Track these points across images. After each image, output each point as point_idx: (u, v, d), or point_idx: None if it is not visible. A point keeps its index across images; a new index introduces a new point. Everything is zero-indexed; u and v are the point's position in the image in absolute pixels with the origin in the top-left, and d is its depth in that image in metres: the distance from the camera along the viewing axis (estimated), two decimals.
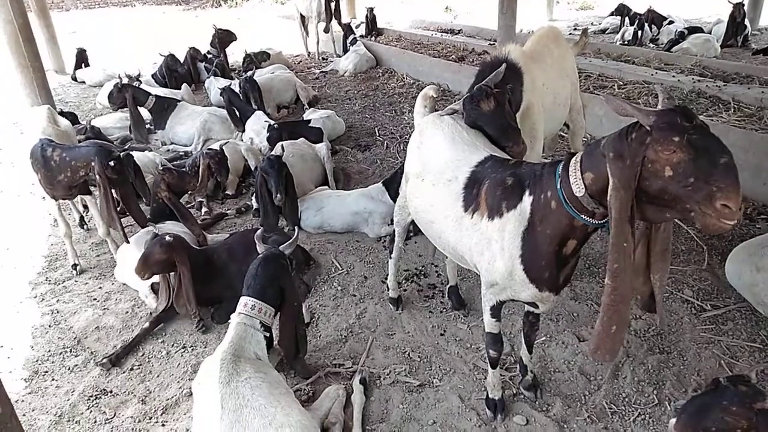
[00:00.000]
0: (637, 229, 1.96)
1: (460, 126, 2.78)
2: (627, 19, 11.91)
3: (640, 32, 10.79)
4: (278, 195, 4.27)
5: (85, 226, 5.07)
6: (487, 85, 2.80)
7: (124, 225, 3.97)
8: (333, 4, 10.94)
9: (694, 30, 10.06)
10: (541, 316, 2.90)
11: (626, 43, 10.78)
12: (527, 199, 2.19)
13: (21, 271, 4.41)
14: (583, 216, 2.01)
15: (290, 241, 2.94)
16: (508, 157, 2.62)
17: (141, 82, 8.70)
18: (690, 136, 1.68)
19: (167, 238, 3.48)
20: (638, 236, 2.02)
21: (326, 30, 11.16)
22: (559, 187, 2.05)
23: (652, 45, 10.77)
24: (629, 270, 1.92)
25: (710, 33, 10.21)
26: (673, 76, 6.91)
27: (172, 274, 3.58)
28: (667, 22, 11.09)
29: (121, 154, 3.87)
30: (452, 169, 2.58)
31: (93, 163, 3.75)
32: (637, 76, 7.02)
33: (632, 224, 1.86)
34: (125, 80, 7.95)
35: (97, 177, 3.75)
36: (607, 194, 1.85)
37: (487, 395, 2.82)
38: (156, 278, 3.75)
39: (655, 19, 11.25)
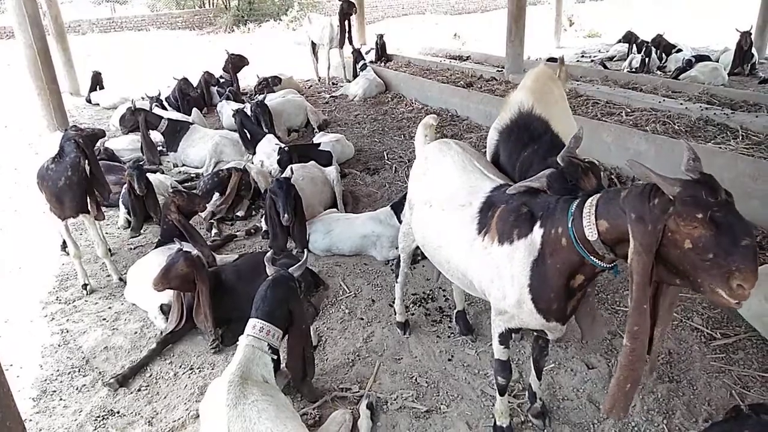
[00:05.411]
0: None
1: (468, 153, 2.81)
2: (634, 46, 12.03)
3: (647, 59, 10.88)
4: (285, 215, 4.30)
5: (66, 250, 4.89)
6: (577, 158, 2.37)
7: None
8: (346, 24, 11.18)
9: (701, 58, 10.14)
10: (551, 343, 2.89)
11: (634, 70, 10.87)
12: (537, 231, 2.19)
13: (32, 290, 4.45)
14: (592, 258, 2.02)
15: (299, 263, 2.96)
16: None
17: (162, 102, 8.87)
18: (713, 213, 1.67)
19: (193, 252, 3.51)
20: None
21: (341, 45, 11.41)
22: (570, 226, 2.05)
23: (659, 72, 10.84)
24: (647, 330, 1.91)
25: (718, 61, 10.27)
26: (681, 104, 6.94)
27: (183, 294, 3.61)
28: (675, 50, 11.19)
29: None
30: (465, 194, 2.60)
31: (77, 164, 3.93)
32: (645, 103, 7.05)
33: (651, 286, 1.86)
34: (145, 101, 8.08)
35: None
36: (620, 243, 1.91)
37: (495, 423, 2.80)
38: (165, 299, 3.78)
39: (664, 46, 11.35)
